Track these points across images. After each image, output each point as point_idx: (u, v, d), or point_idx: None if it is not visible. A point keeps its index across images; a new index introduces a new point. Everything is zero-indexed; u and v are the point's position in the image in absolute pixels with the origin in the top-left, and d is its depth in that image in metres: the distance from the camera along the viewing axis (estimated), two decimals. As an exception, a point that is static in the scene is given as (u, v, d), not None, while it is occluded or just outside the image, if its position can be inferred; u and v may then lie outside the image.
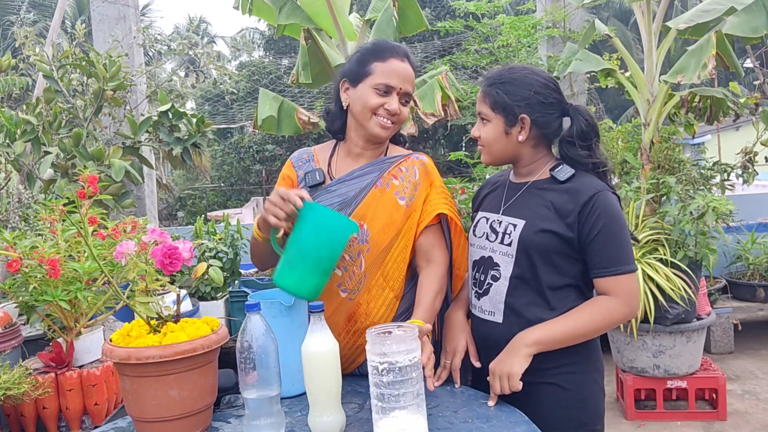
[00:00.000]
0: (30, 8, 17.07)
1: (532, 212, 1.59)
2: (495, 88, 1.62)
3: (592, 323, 1.52)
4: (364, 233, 1.64)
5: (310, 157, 1.78)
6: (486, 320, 1.63)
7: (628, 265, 1.54)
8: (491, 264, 1.63)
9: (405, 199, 1.68)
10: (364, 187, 1.67)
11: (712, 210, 3.45)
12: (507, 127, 1.61)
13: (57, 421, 2.21)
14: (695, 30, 4.01)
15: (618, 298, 1.52)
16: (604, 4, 18.72)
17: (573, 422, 1.56)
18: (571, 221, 1.54)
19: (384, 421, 1.21)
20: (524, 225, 1.58)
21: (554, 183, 1.61)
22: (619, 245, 1.54)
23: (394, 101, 1.64)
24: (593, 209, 1.53)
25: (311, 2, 3.99)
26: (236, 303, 4.31)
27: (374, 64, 1.64)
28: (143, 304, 1.34)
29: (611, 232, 1.53)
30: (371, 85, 1.64)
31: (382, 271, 1.66)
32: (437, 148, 15.34)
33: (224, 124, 12.82)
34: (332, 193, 1.69)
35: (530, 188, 1.65)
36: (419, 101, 4.17)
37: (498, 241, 1.63)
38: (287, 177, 1.77)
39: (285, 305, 1.58)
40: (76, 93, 4.08)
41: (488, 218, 1.69)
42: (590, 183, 1.58)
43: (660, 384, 3.60)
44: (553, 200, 1.58)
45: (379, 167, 1.71)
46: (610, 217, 1.53)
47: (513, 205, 1.65)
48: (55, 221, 2.16)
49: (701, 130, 11.40)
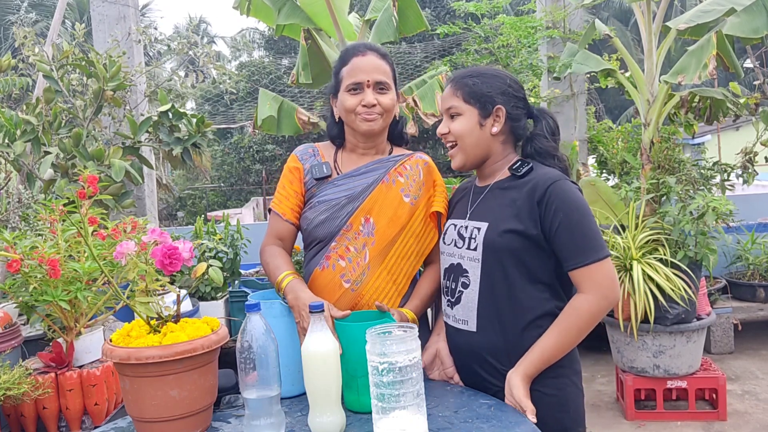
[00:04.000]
0: (30, 8, 17.08)
1: (495, 214, 1.57)
2: (469, 79, 1.61)
3: (575, 330, 1.48)
4: (371, 226, 1.69)
5: (315, 152, 1.82)
6: (460, 329, 1.61)
7: (597, 252, 1.48)
8: (460, 271, 1.60)
9: (410, 197, 1.73)
10: (371, 183, 1.72)
11: (712, 210, 3.44)
12: (481, 119, 1.60)
13: (57, 421, 2.21)
14: (695, 30, 4.01)
15: (592, 293, 1.47)
16: (604, 4, 18.74)
17: (556, 427, 1.52)
18: (533, 217, 1.51)
19: (384, 421, 1.21)
20: (487, 227, 1.56)
21: (514, 179, 1.59)
22: (583, 234, 1.48)
23: (368, 95, 1.69)
24: (550, 201, 1.49)
25: (311, 2, 3.99)
26: (236, 303, 4.31)
27: (342, 70, 1.73)
28: (143, 304, 1.34)
29: (572, 221, 1.48)
30: (344, 90, 1.71)
31: (385, 265, 1.69)
32: (437, 148, 15.34)
33: (224, 124, 12.82)
34: (339, 187, 1.73)
35: (493, 189, 1.63)
36: (419, 101, 4.17)
37: (465, 246, 1.60)
38: (295, 169, 1.79)
39: (285, 305, 1.58)
40: (76, 93, 4.08)
41: (456, 224, 1.67)
42: (546, 174, 1.54)
43: (660, 384, 3.60)
44: (515, 198, 1.55)
45: (385, 165, 1.75)
46: (568, 205, 1.49)
47: (477, 208, 1.63)
48: (55, 221, 2.16)
49: (701, 130, 11.40)
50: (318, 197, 1.73)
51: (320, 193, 1.74)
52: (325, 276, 1.69)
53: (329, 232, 1.69)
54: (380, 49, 1.76)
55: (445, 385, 1.59)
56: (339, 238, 1.69)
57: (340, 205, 1.70)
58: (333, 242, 1.69)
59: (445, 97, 1.65)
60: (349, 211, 1.69)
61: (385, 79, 1.71)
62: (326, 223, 1.70)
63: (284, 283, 1.59)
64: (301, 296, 1.54)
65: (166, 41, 5.53)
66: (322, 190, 1.74)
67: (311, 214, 1.72)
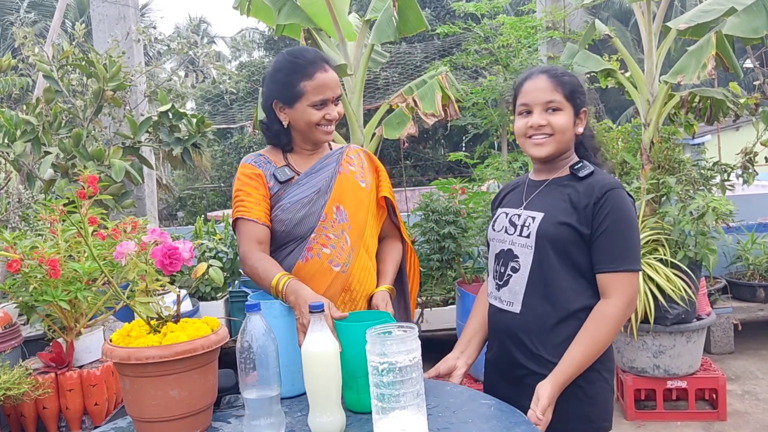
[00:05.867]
0: (30, 8, 17.07)
1: (551, 206, 1.63)
2: (566, 77, 1.65)
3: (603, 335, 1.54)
4: (343, 213, 1.80)
5: (266, 159, 1.86)
6: (504, 310, 1.67)
7: (631, 263, 1.55)
8: (511, 256, 1.66)
9: (364, 182, 1.88)
10: (331, 175, 1.83)
11: (712, 210, 3.44)
12: (574, 118, 1.66)
13: (57, 421, 2.22)
14: (695, 30, 4.01)
15: (618, 298, 1.54)
16: (604, 4, 18.74)
17: (581, 417, 1.57)
18: (586, 216, 1.57)
19: (384, 421, 1.21)
20: (543, 217, 1.62)
21: (574, 179, 1.65)
22: (624, 243, 1.55)
23: (331, 110, 1.78)
24: (605, 204, 1.56)
25: (311, 2, 3.99)
26: (236, 303, 4.32)
27: (303, 84, 1.74)
28: (143, 305, 1.34)
29: (618, 229, 1.55)
30: (308, 104, 1.75)
31: (364, 245, 1.84)
32: (437, 148, 15.35)
33: (224, 124, 12.80)
34: (304, 186, 1.81)
35: (551, 184, 1.69)
36: (419, 101, 4.17)
37: (517, 233, 1.66)
38: (257, 176, 1.81)
39: (285, 305, 1.58)
40: (76, 93, 4.08)
41: (508, 213, 1.74)
42: (606, 180, 1.61)
43: (660, 384, 3.60)
44: (571, 195, 1.61)
45: (335, 158, 1.87)
46: (620, 213, 1.56)
47: (534, 200, 1.69)
48: (55, 221, 2.16)
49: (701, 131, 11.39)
50: (287, 199, 1.78)
51: (288, 194, 1.79)
52: (311, 266, 1.76)
53: (309, 227, 1.77)
54: (332, 61, 1.83)
55: (445, 385, 1.59)
56: (317, 230, 1.77)
57: (312, 200, 1.78)
58: (312, 234, 1.76)
59: (542, 89, 1.64)
60: (321, 203, 1.78)
61: (341, 91, 1.81)
62: (305, 219, 1.77)
63: (281, 285, 1.60)
64: (302, 294, 1.55)
65: (166, 41, 5.53)
66: (289, 192, 1.79)
67: (286, 216, 1.77)
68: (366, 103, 5.44)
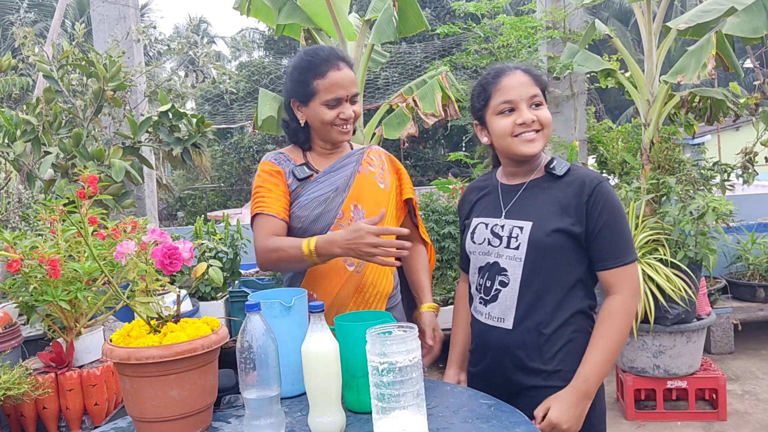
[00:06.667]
0: (30, 8, 17.08)
1: (539, 213, 1.57)
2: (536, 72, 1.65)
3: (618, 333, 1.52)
4: (360, 212, 1.79)
5: (286, 157, 1.86)
6: (494, 327, 1.61)
7: (631, 254, 1.55)
8: (498, 269, 1.60)
9: (384, 184, 1.88)
10: (350, 174, 1.83)
11: (712, 210, 3.44)
12: None
13: (57, 421, 2.22)
14: (695, 30, 4.01)
15: (625, 293, 1.53)
16: (604, 4, 18.74)
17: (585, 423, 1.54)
18: (578, 215, 1.54)
19: (384, 421, 1.21)
20: (532, 227, 1.56)
21: (552, 179, 1.60)
22: (621, 236, 1.54)
23: (346, 109, 1.76)
24: (597, 200, 1.53)
25: (311, 2, 3.99)
26: (236, 303, 4.32)
27: (316, 83, 1.74)
28: (143, 304, 1.34)
29: (615, 223, 1.54)
30: (321, 103, 1.74)
31: None
32: (437, 148, 15.35)
33: (224, 124, 12.81)
34: (323, 183, 1.80)
35: (530, 188, 1.63)
36: (419, 101, 4.17)
37: (503, 245, 1.60)
38: (276, 173, 1.81)
39: (285, 305, 1.58)
40: (76, 93, 4.08)
41: (488, 223, 1.66)
42: (589, 174, 1.58)
43: (660, 384, 3.60)
44: (558, 197, 1.57)
45: (355, 158, 1.87)
46: (612, 207, 1.54)
47: (514, 207, 1.63)
48: (55, 221, 2.16)
49: (701, 131, 11.40)
50: (305, 196, 1.78)
51: (306, 192, 1.79)
52: (325, 264, 1.72)
53: (326, 224, 1.76)
54: (349, 59, 1.81)
55: (445, 385, 1.59)
56: (334, 227, 1.75)
57: (330, 198, 1.78)
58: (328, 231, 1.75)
59: (525, 84, 1.59)
60: (339, 201, 1.78)
61: (357, 90, 1.78)
62: (322, 216, 1.76)
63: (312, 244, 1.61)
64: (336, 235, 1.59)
65: (166, 41, 5.53)
66: (307, 189, 1.79)
67: (303, 212, 1.77)
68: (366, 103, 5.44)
